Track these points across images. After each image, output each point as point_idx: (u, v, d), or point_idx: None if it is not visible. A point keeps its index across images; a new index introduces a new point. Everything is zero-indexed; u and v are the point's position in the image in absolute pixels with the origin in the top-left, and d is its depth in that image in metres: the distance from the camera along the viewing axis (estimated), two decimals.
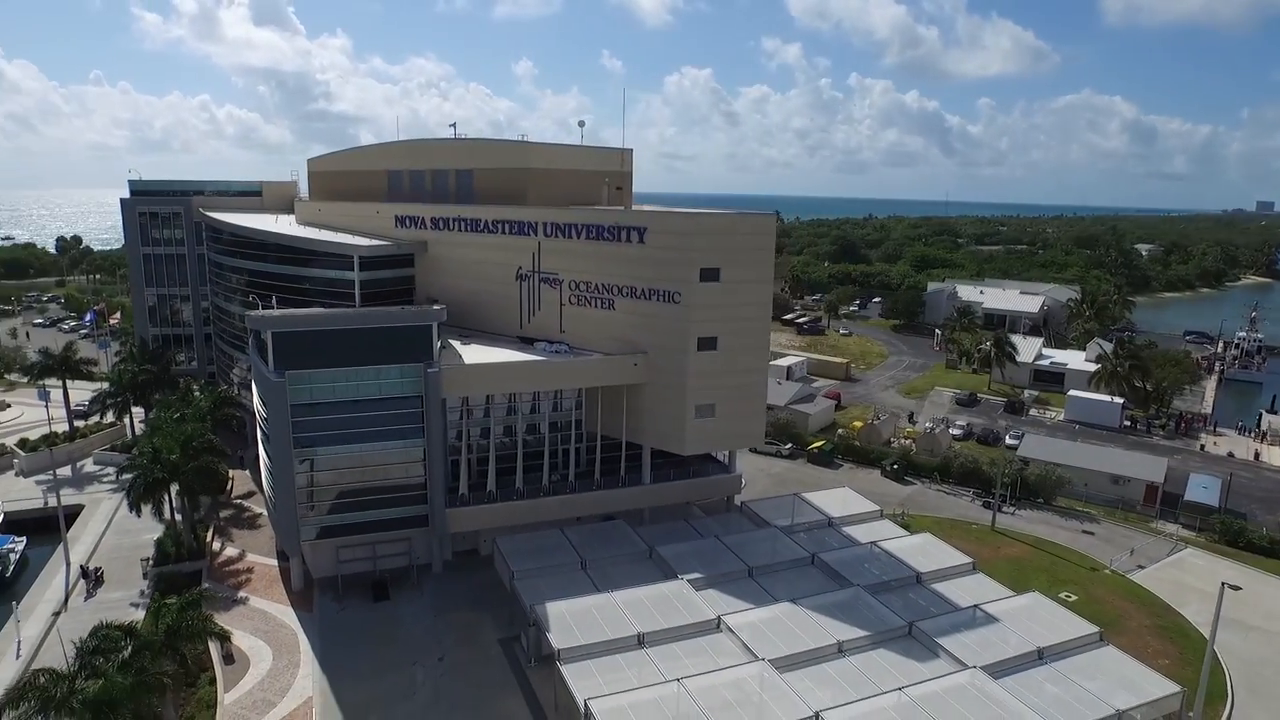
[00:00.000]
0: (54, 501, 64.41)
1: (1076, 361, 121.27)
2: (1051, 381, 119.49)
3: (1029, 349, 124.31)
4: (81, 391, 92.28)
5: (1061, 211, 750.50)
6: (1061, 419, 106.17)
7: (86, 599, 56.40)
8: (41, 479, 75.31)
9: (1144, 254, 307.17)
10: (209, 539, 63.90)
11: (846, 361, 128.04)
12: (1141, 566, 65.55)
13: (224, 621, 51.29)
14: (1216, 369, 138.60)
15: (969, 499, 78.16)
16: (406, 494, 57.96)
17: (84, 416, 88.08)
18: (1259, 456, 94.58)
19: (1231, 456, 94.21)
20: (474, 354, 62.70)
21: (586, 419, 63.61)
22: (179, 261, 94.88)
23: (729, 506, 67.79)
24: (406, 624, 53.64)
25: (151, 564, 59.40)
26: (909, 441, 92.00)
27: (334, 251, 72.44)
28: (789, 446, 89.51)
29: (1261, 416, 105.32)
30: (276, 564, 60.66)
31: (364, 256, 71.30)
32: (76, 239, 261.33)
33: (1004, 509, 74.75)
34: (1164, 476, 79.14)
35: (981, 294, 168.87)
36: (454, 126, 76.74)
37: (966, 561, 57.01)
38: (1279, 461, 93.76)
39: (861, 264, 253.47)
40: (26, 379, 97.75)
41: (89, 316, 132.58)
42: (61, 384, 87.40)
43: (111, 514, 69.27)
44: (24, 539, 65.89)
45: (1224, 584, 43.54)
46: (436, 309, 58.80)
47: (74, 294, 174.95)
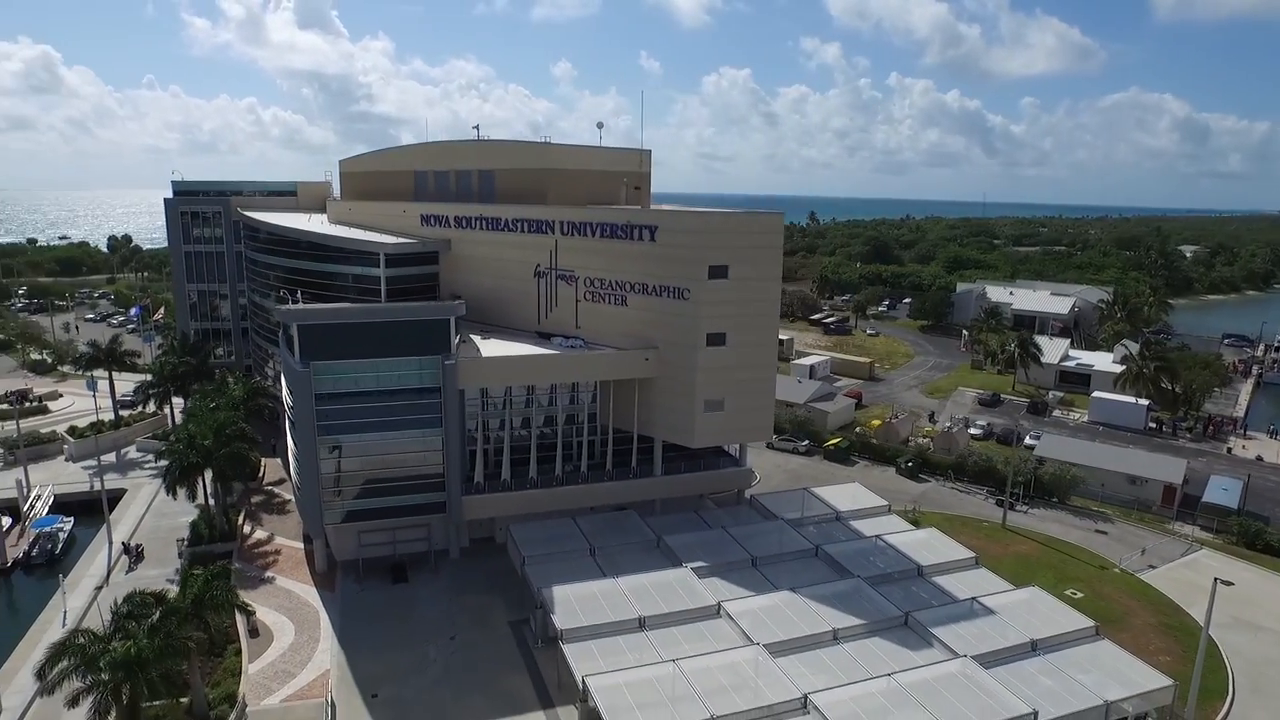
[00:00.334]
0: (99, 485, 68.17)
1: (1103, 363, 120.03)
2: (1077, 383, 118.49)
3: (1055, 350, 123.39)
4: (126, 383, 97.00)
5: (1107, 212, 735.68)
6: (1085, 420, 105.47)
7: (127, 573, 59.83)
8: (88, 464, 79.35)
9: (1188, 255, 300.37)
10: (240, 522, 67.13)
11: (870, 361, 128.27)
12: (1153, 566, 65.46)
13: (251, 599, 54.51)
14: (1254, 372, 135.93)
15: (983, 497, 78.51)
16: (425, 481, 60.35)
17: (128, 406, 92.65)
18: None
19: (1260, 460, 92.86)
20: (491, 348, 64.98)
21: (600, 412, 65.51)
22: (218, 259, 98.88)
23: (740, 500, 69.18)
24: (422, 605, 56.03)
25: (186, 544, 62.63)
26: (926, 440, 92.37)
27: (361, 249, 75.25)
28: (806, 443, 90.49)
29: None
30: (302, 547, 63.54)
31: (389, 254, 73.95)
32: (127, 238, 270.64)
33: (1017, 507, 75.05)
34: (1182, 478, 78.58)
35: (1011, 295, 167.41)
36: (477, 129, 79.02)
37: (969, 556, 57.74)
38: None
39: (893, 265, 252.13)
40: (77, 370, 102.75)
41: (134, 311, 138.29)
42: (108, 375, 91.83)
43: (151, 498, 72.94)
44: (72, 519, 69.89)
45: (1216, 579, 43.90)
46: (454, 304, 61.12)
47: (122, 290, 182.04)
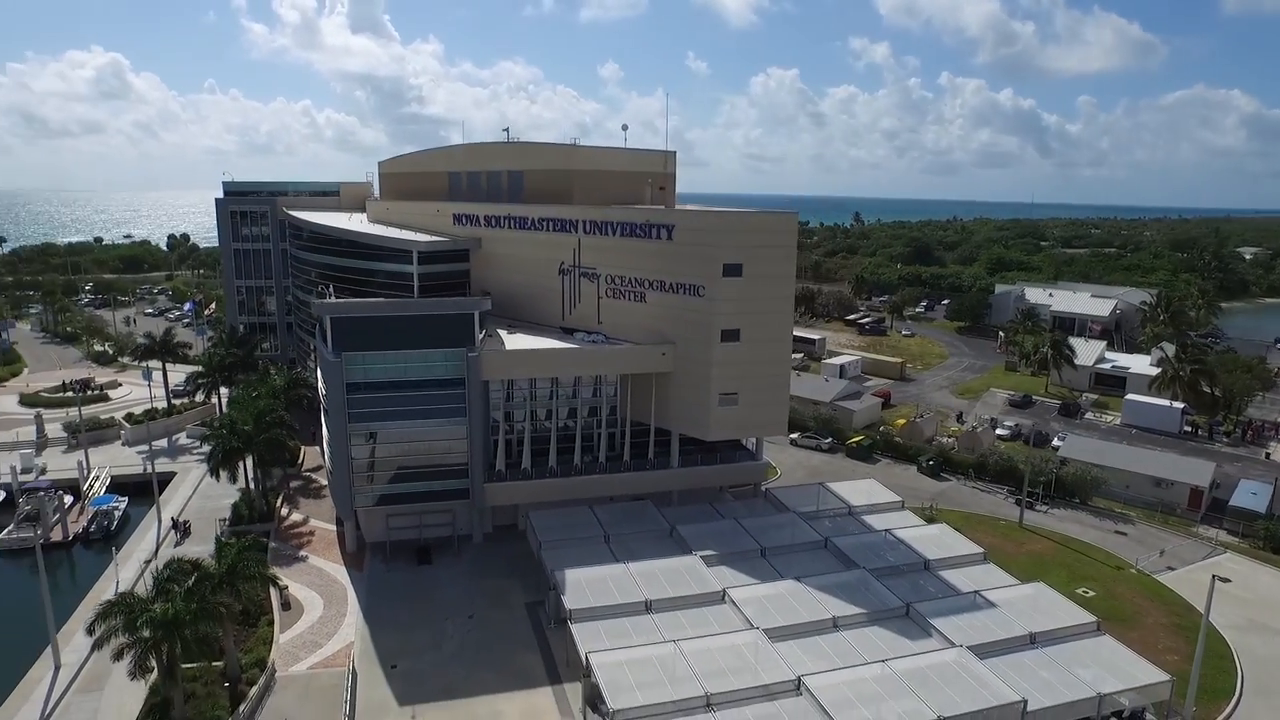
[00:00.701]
0: (151, 468, 72.60)
1: (1140, 365, 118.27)
2: (1113, 385, 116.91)
3: (1090, 352, 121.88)
4: (179, 373, 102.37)
5: (1166, 213, 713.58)
6: (1118, 423, 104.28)
7: (174, 548, 63.76)
8: (142, 449, 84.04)
9: (1247, 258, 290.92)
10: (278, 504, 70.83)
11: (901, 361, 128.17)
12: (1172, 568, 65.17)
13: (285, 575, 58.11)
14: None
15: (1003, 496, 78.66)
16: (449, 468, 63.16)
17: (180, 395, 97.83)
18: None
19: None
20: (515, 342, 67.61)
21: (619, 405, 67.58)
22: (265, 256, 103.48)
23: (756, 493, 70.65)
24: (444, 586, 58.79)
25: (227, 524, 66.41)
26: (951, 440, 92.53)
27: (395, 247, 78.46)
28: (829, 441, 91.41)
29: None
30: (335, 529, 66.87)
31: (422, 252, 76.98)
32: (185, 236, 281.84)
33: (1036, 507, 75.18)
34: (1209, 480, 77.71)
35: (1050, 297, 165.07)
36: (507, 131, 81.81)
37: (978, 551, 58.45)
38: None
39: (934, 266, 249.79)
40: (134, 361, 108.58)
41: (188, 306, 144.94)
42: (162, 366, 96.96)
43: (199, 481, 77.15)
44: (126, 499, 74.51)
45: (1214, 576, 44.23)
46: (478, 299, 63.82)
47: (179, 286, 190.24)
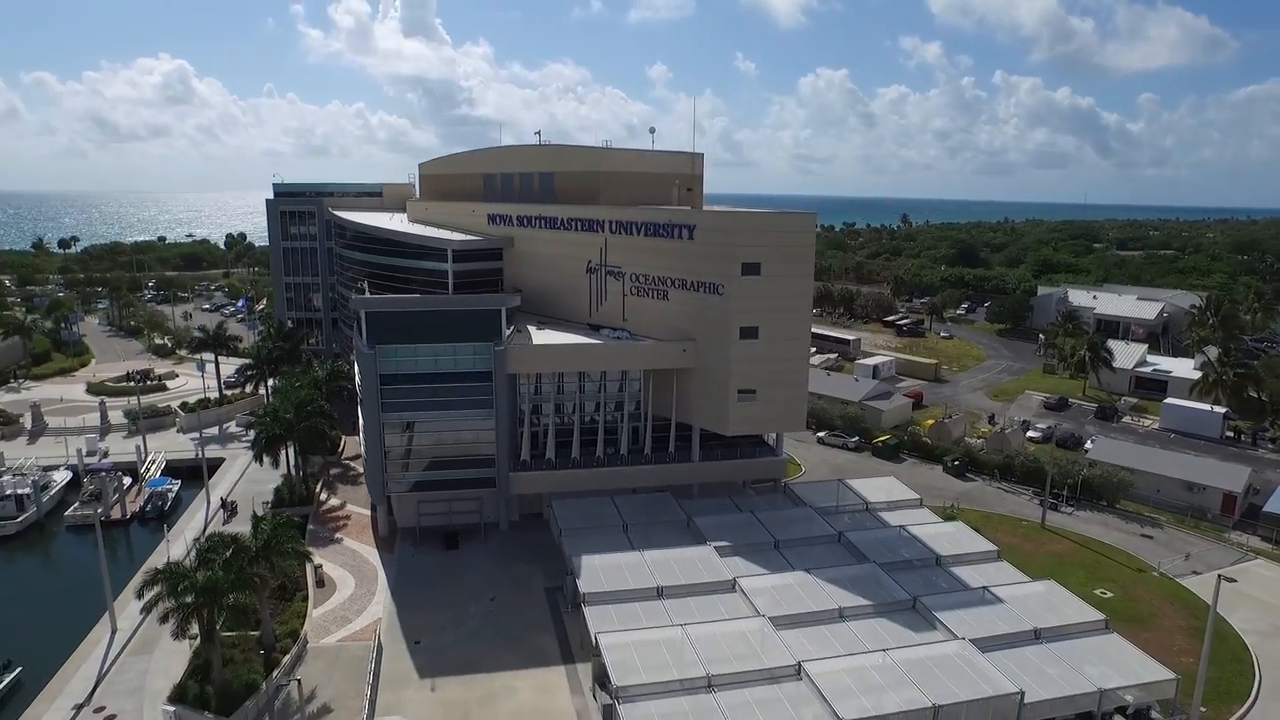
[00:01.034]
0: (201, 454, 76.95)
1: (1183, 369, 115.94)
2: (1154, 389, 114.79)
3: (1129, 355, 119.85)
4: (230, 365, 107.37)
5: (1234, 214, 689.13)
6: (1156, 427, 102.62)
7: (222, 526, 67.64)
8: (195, 436, 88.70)
9: None
10: (318, 490, 74.43)
11: (936, 363, 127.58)
12: (1197, 572, 64.51)
13: (321, 555, 61.46)
14: None
15: (1028, 497, 78.48)
16: (476, 457, 65.82)
17: (232, 386, 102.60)
18: None
19: None
20: (543, 337, 69.94)
21: (642, 399, 69.44)
22: (312, 254, 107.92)
23: (777, 488, 71.88)
24: (469, 570, 61.38)
25: (269, 506, 70.08)
26: (979, 441, 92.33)
27: (431, 245, 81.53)
28: (855, 440, 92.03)
29: None
30: (369, 514, 69.98)
31: (456, 250, 79.85)
32: (242, 235, 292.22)
33: (1061, 509, 74.97)
34: (1245, 486, 76.46)
35: (1094, 299, 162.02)
36: (539, 134, 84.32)
37: (991, 549, 58.94)
38: None
39: (979, 268, 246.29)
40: (189, 354, 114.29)
41: (241, 302, 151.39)
42: (214, 358, 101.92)
43: (246, 466, 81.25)
44: (179, 482, 79.25)
45: (1220, 576, 44.29)
46: (504, 296, 66.37)
47: (235, 284, 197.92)
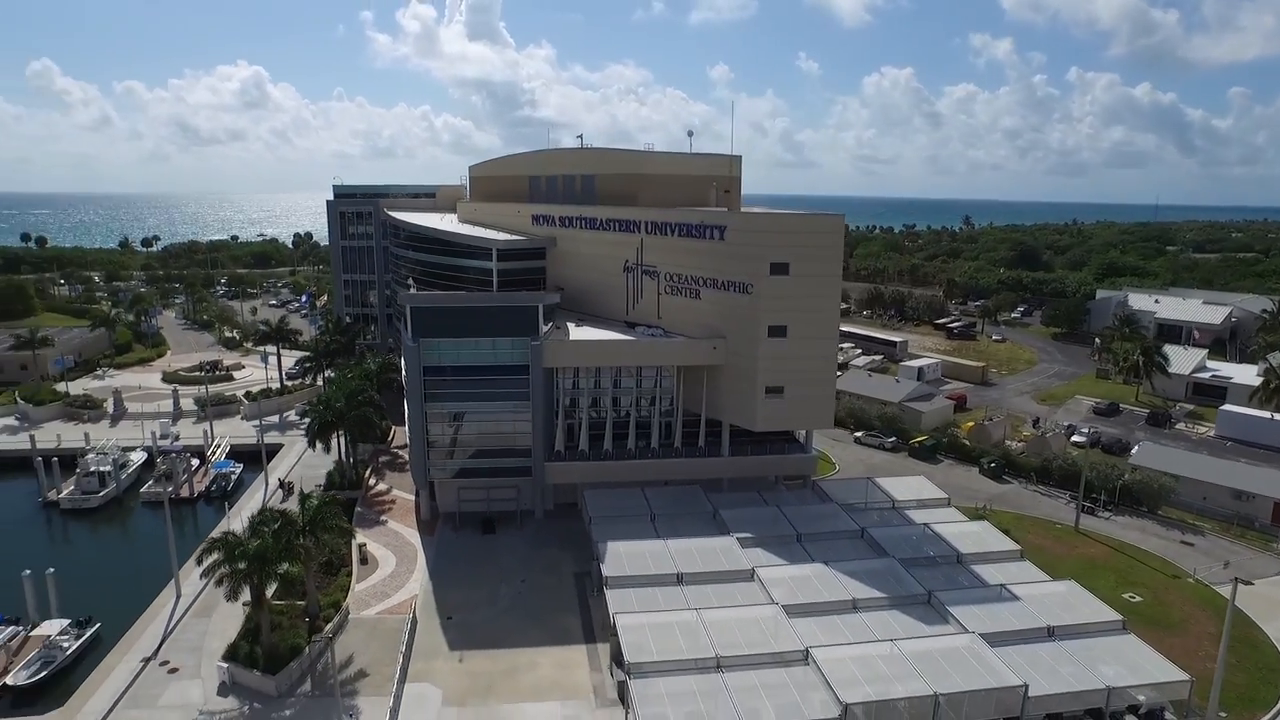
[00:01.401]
0: (261, 440, 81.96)
1: (1245, 375, 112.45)
2: (1213, 396, 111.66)
3: (1187, 360, 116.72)
4: (292, 358, 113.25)
5: None
6: (1212, 434, 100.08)
7: (279, 504, 72.06)
8: (257, 423, 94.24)
9: None
10: (367, 475, 78.60)
11: (982, 365, 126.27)
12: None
13: (366, 535, 65.38)
14: None
15: (1064, 501, 77.91)
16: (513, 446, 68.75)
17: (293, 378, 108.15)
18: None
19: None
20: (580, 334, 72.61)
21: (674, 395, 71.40)
22: (368, 253, 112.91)
23: (806, 485, 73.07)
24: (503, 553, 64.36)
25: (321, 489, 74.31)
26: (1020, 444, 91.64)
27: (477, 245, 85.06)
28: (892, 440, 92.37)
29: None
30: (413, 499, 73.68)
31: (500, 249, 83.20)
32: (308, 234, 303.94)
33: (1099, 513, 74.35)
34: None
35: (1156, 303, 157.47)
36: (580, 138, 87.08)
37: (1014, 549, 59.23)
38: None
39: (1040, 271, 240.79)
40: (254, 346, 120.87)
41: (304, 298, 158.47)
42: (276, 351, 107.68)
43: (302, 452, 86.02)
44: (241, 465, 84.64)
45: (1236, 579, 44.19)
46: (541, 294, 69.20)
47: (299, 281, 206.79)
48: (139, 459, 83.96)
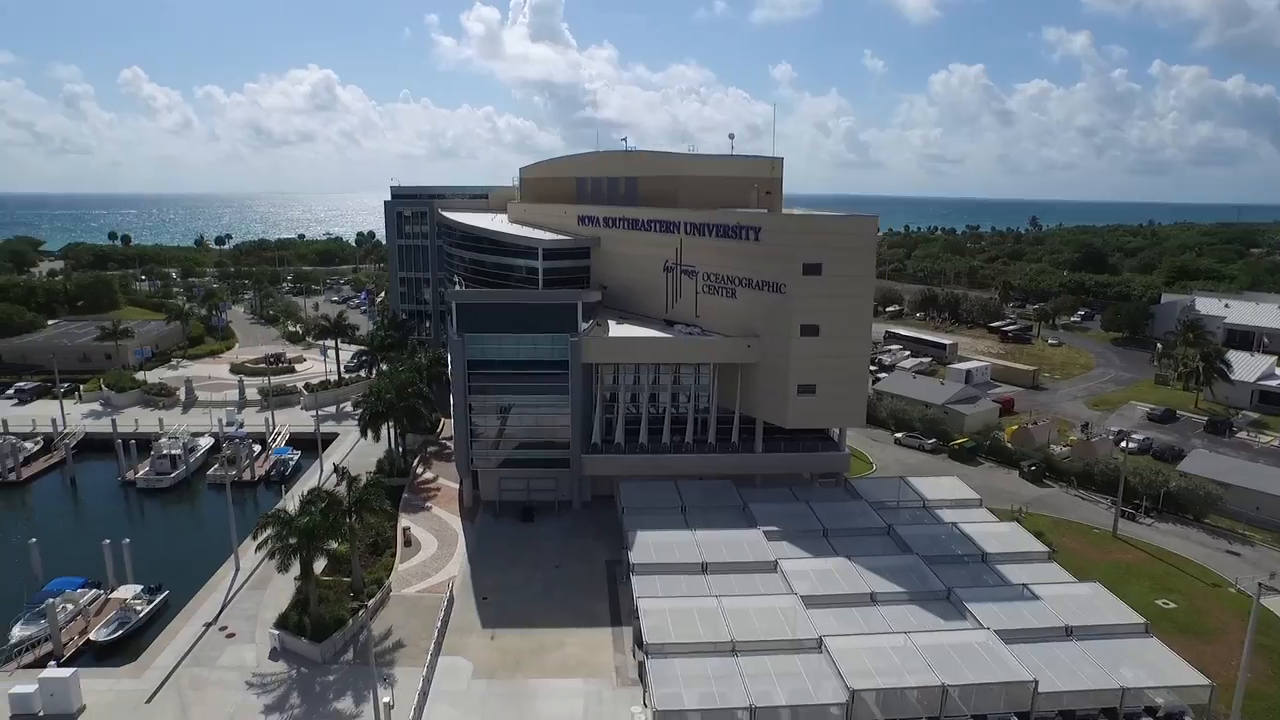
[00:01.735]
0: (317, 428, 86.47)
1: None
2: None
3: (1253, 367, 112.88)
4: (349, 352, 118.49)
5: None
6: (1277, 444, 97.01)
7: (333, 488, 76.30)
8: (316, 412, 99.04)
9: None
10: (415, 464, 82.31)
11: (1034, 369, 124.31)
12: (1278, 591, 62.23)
13: (411, 520, 69.00)
14: None
15: (1105, 506, 76.90)
16: (553, 439, 71.36)
17: (351, 371, 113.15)
18: None
19: None
20: (620, 331, 75.00)
21: (710, 392, 73.04)
22: (423, 251, 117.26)
23: (839, 482, 73.92)
24: (540, 540, 67.02)
25: (371, 475, 78.17)
26: (1065, 448, 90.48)
27: (524, 244, 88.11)
28: (932, 442, 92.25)
29: None
30: (458, 487, 76.91)
31: (546, 249, 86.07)
32: (371, 234, 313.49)
33: (1141, 519, 73.39)
34: None
35: (1226, 308, 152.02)
36: (625, 140, 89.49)
37: (1042, 550, 59.31)
38: None
39: (1106, 273, 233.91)
40: (313, 340, 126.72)
41: (363, 295, 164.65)
42: (334, 345, 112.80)
43: (355, 441, 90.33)
44: (299, 452, 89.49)
45: (1260, 584, 43.87)
46: (580, 292, 71.71)
47: (360, 278, 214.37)
48: (206, 444, 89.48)
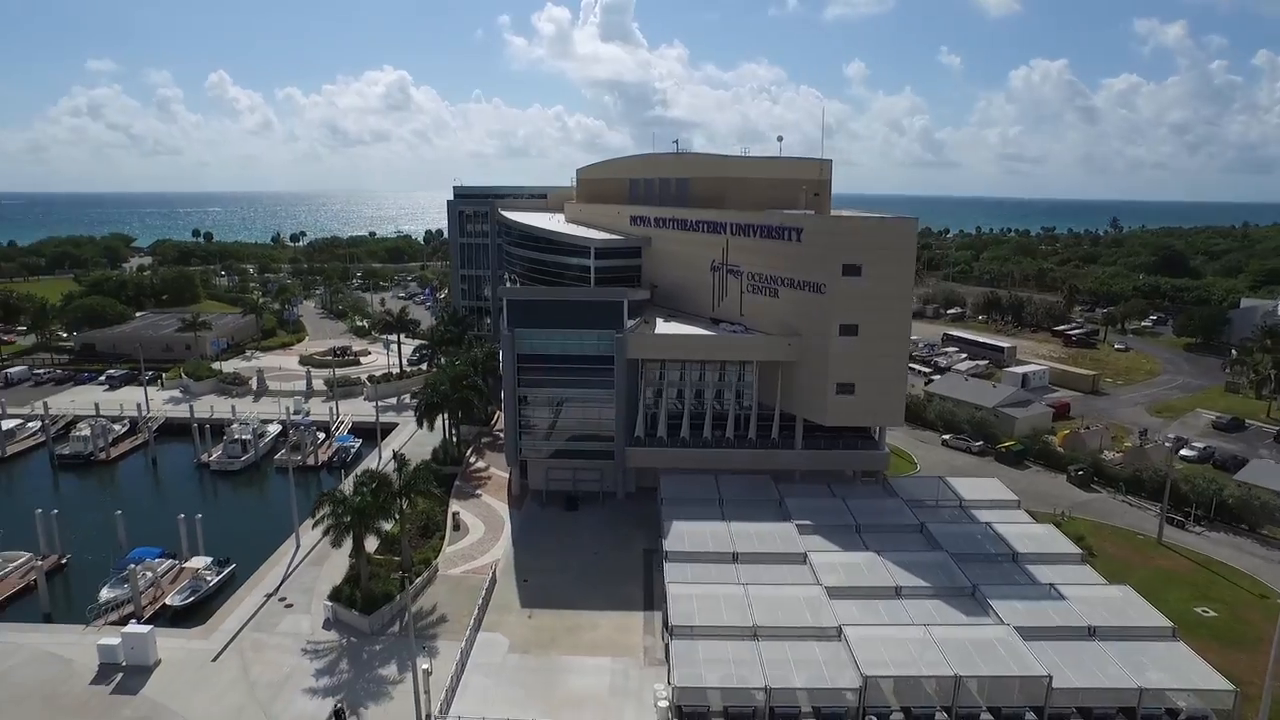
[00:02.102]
0: (377, 418, 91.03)
1: None
2: None
3: None
4: (411, 346, 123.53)
5: None
6: None
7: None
8: (377, 403, 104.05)
9: None
10: (468, 453, 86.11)
11: (1094, 374, 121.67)
12: None
13: (461, 506, 72.58)
14: None
15: (1154, 513, 75.57)
16: (597, 431, 73.95)
17: (413, 364, 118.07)
18: None
19: None
20: (666, 328, 77.22)
21: (752, 389, 74.57)
22: (483, 249, 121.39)
23: (878, 480, 74.60)
24: (582, 529, 69.73)
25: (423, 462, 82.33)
26: (1117, 454, 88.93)
27: (577, 244, 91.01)
28: (980, 444, 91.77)
29: None
30: (507, 476, 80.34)
31: (597, 248, 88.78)
32: (439, 231, 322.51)
33: (1191, 527, 72.13)
34: None
35: None
36: (676, 143, 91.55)
37: (1075, 552, 59.18)
38: None
39: (1186, 276, 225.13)
40: (377, 335, 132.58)
41: (427, 291, 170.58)
42: (397, 339, 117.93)
43: (413, 431, 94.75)
44: (360, 440, 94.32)
45: None
46: (625, 290, 74.19)
47: (426, 275, 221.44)
48: (275, 430, 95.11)
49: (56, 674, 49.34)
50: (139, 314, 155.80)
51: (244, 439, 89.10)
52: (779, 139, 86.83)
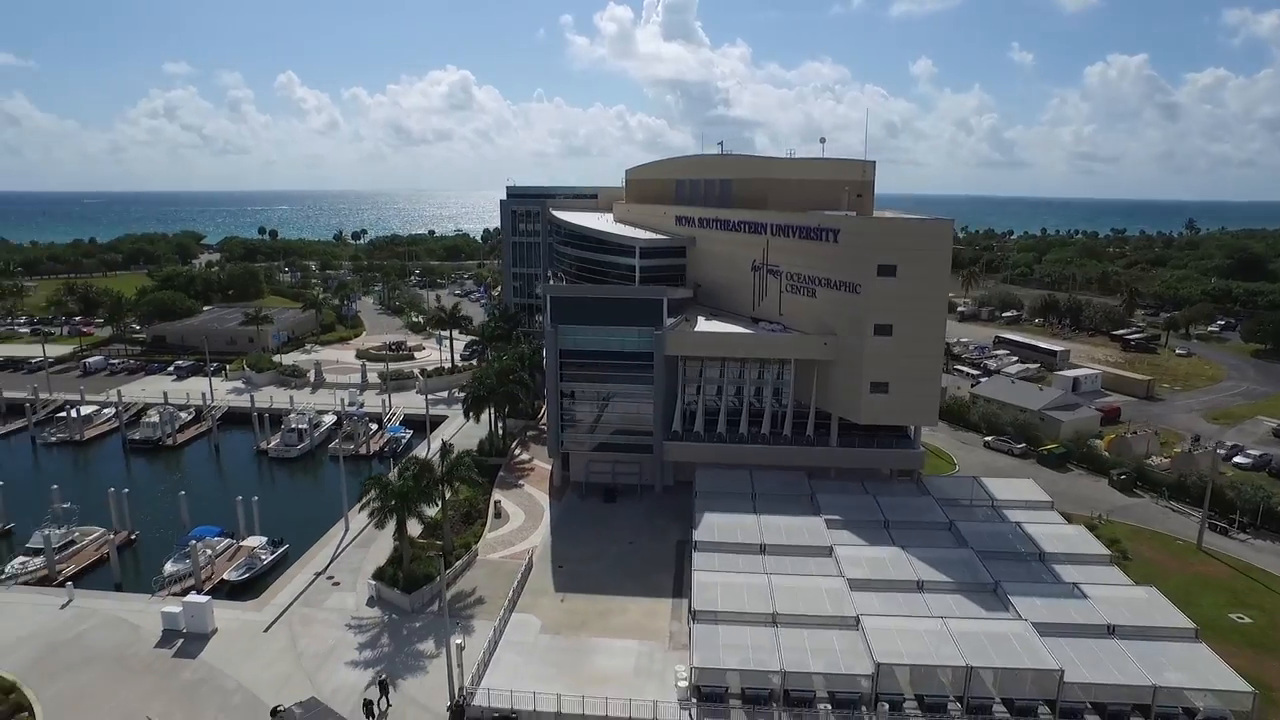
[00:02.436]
0: (427, 411, 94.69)
1: None
2: None
3: None
4: (463, 342, 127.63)
5: None
6: None
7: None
8: (428, 396, 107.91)
9: None
10: (512, 445, 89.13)
11: (1149, 380, 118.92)
12: None
13: (504, 495, 75.54)
14: None
15: (1197, 520, 74.23)
16: (636, 426, 76.02)
17: (465, 359, 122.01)
18: None
19: None
20: (706, 326, 78.91)
21: (790, 387, 75.60)
22: (535, 248, 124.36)
23: (913, 479, 74.95)
24: (619, 519, 71.92)
25: (473, 454, 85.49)
26: (1166, 460, 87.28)
27: (623, 243, 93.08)
28: (1022, 446, 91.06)
29: None
30: (549, 468, 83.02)
31: (642, 247, 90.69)
32: (496, 230, 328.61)
33: (1234, 534, 70.85)
34: None
35: None
36: (721, 144, 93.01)
37: (1103, 554, 59.05)
38: None
39: (1262, 280, 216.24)
40: (430, 330, 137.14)
41: (481, 288, 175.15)
42: (449, 334, 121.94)
43: (461, 423, 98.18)
44: (411, 431, 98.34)
45: None
46: (665, 288, 76.06)
47: (482, 273, 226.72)
48: (330, 421, 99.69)
49: (125, 638, 53.69)
50: (206, 308, 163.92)
51: (301, 428, 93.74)
52: (821, 140, 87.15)
